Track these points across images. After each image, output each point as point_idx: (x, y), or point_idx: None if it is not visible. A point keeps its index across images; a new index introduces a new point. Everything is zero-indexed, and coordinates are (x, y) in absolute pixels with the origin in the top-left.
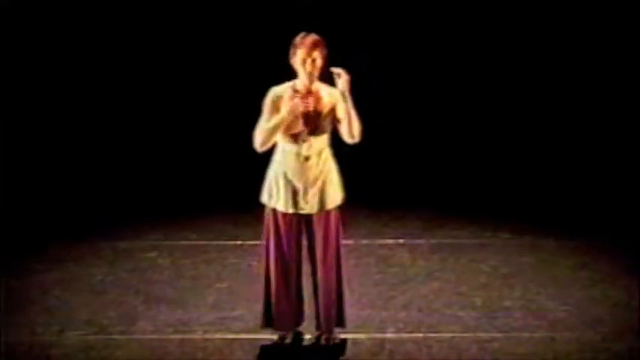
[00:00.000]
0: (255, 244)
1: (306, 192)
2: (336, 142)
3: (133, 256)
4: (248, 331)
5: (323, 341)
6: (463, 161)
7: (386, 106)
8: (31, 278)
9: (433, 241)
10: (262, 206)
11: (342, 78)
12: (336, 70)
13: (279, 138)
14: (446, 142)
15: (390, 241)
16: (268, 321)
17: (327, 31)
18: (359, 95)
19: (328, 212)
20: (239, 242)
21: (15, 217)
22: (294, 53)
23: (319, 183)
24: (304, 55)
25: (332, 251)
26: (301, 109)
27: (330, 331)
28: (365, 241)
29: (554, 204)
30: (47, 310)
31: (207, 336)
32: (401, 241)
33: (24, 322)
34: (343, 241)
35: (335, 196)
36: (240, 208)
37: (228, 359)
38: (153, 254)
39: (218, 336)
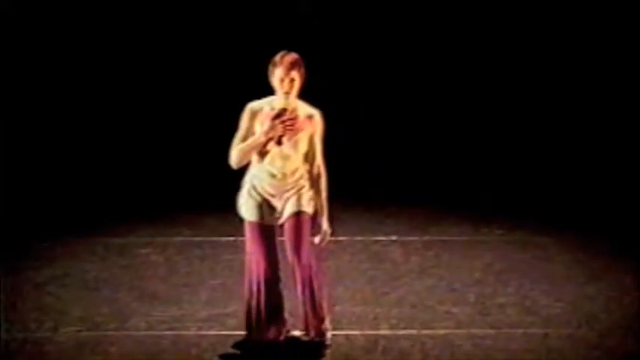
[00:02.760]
0: None
1: (275, 204)
2: (332, 141)
3: (126, 253)
4: (242, 328)
5: (312, 338)
6: (457, 158)
7: (381, 104)
8: (25, 275)
9: (427, 237)
10: None
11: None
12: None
13: (255, 154)
14: (440, 139)
15: (384, 238)
16: (251, 331)
17: (326, 30)
18: (357, 93)
19: (299, 216)
20: (232, 239)
21: (8, 215)
22: (273, 72)
23: (289, 195)
24: (282, 75)
25: (305, 254)
26: (279, 132)
27: (310, 331)
28: (358, 238)
29: (548, 201)
30: (41, 307)
31: (201, 332)
32: (394, 237)
33: (18, 319)
34: (336, 237)
35: (304, 205)
36: (234, 204)
37: (221, 356)
38: (146, 251)
39: (212, 332)
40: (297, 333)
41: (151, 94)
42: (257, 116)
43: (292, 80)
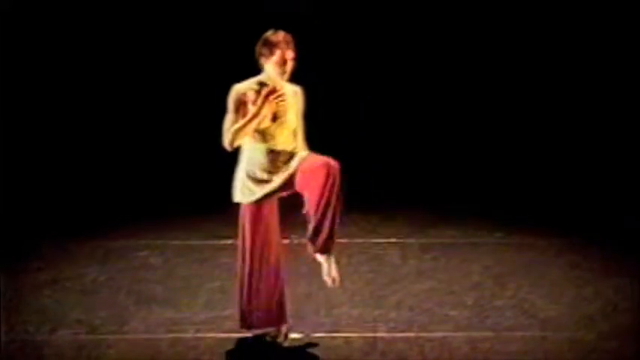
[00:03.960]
0: None
1: (273, 181)
2: (332, 141)
3: (124, 256)
4: (239, 331)
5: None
6: (456, 161)
7: (381, 104)
8: (23, 278)
9: (425, 240)
10: None
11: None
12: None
13: (248, 135)
14: (438, 142)
15: (382, 241)
16: (245, 322)
17: (326, 30)
18: (357, 93)
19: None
20: (230, 242)
21: (7, 217)
22: (271, 52)
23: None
24: (284, 55)
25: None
26: (272, 109)
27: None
28: (357, 240)
29: (546, 204)
30: (39, 310)
31: (199, 335)
32: (393, 240)
33: (16, 322)
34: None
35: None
36: (232, 207)
37: (219, 359)
38: (145, 254)
39: (210, 335)
40: (296, 335)
41: (151, 98)
42: (245, 96)
43: (291, 60)
